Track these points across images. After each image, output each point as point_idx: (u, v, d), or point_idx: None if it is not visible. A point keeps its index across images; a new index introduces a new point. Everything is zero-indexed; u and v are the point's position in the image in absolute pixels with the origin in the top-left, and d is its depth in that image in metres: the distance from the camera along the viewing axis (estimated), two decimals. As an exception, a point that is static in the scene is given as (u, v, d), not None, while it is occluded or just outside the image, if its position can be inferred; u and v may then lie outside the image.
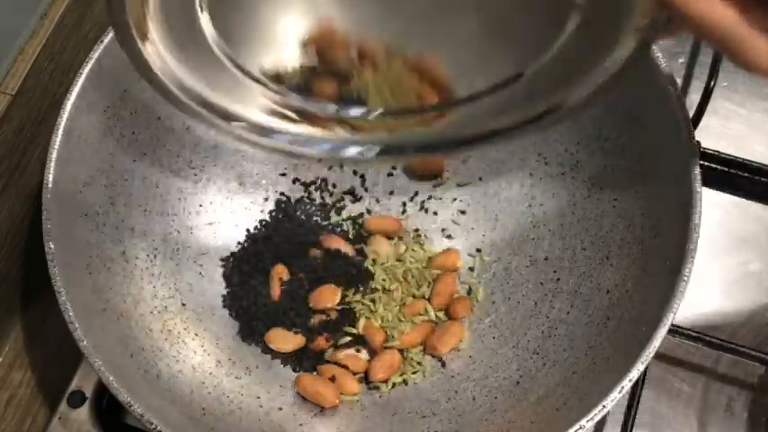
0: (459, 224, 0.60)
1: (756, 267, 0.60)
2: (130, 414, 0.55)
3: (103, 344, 0.48)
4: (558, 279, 0.56)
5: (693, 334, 0.54)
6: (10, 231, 0.59)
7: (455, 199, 0.61)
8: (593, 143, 0.57)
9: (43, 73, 0.59)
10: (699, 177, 0.49)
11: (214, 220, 0.59)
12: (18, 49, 0.58)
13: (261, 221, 0.60)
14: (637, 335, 0.48)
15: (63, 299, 0.48)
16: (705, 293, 0.46)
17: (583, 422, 0.45)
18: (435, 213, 0.61)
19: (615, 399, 0.45)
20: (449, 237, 0.60)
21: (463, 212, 0.60)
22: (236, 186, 0.60)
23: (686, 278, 0.47)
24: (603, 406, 0.45)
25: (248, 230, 0.59)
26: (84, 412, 0.56)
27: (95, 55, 0.53)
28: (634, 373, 0.46)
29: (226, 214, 0.60)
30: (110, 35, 0.53)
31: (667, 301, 0.47)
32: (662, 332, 0.46)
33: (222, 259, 0.58)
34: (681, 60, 0.66)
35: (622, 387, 0.45)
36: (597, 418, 0.45)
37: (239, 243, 0.59)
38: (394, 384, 0.55)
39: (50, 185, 0.50)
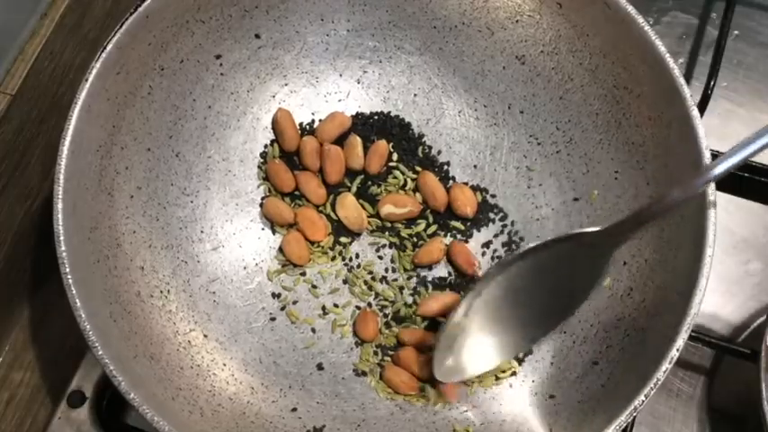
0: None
1: (756, 267, 0.61)
2: (130, 414, 0.56)
3: (146, 392, 0.47)
4: (570, 256, 0.57)
5: (693, 334, 0.54)
6: (10, 231, 0.59)
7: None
8: (584, 119, 0.58)
9: (43, 73, 0.59)
10: (704, 136, 0.50)
11: (217, 244, 0.58)
12: (18, 49, 0.58)
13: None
14: (669, 304, 0.50)
15: (100, 353, 0.46)
16: (705, 293, 0.48)
17: (639, 399, 0.46)
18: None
19: (666, 369, 0.46)
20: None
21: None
22: (234, 206, 0.59)
23: (711, 241, 0.48)
24: (657, 379, 0.46)
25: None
26: (84, 412, 0.56)
27: (82, 95, 0.50)
28: (679, 342, 0.47)
29: (228, 237, 0.58)
30: (94, 71, 0.51)
31: (696, 268, 0.48)
32: (697, 299, 0.47)
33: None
34: (681, 60, 0.67)
35: (672, 357, 0.47)
36: (652, 393, 0.46)
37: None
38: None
39: (62, 237, 0.48)
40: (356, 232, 0.59)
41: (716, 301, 0.60)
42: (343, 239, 0.59)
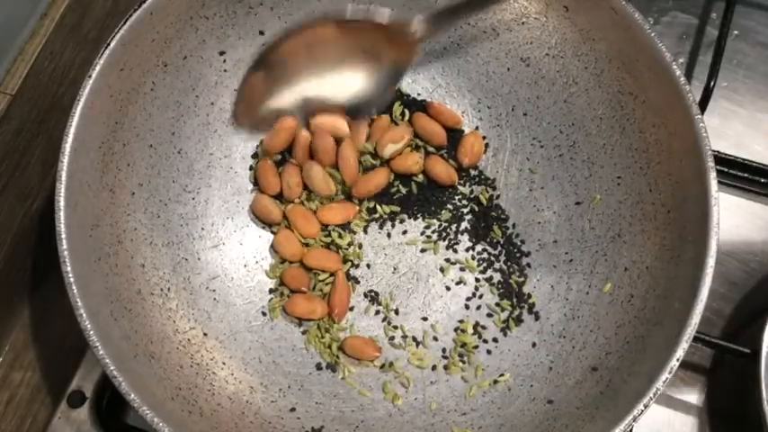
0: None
1: (756, 267, 0.61)
2: (130, 413, 0.56)
3: (146, 392, 0.47)
4: (571, 260, 0.57)
5: (694, 334, 0.54)
6: (9, 231, 0.59)
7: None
8: (588, 123, 0.58)
9: (43, 73, 0.59)
10: (708, 144, 0.50)
11: (218, 242, 0.58)
12: (18, 49, 0.58)
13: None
14: (670, 311, 0.50)
15: (101, 353, 0.46)
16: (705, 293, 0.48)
17: (638, 408, 0.46)
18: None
19: (666, 379, 0.47)
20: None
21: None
22: (235, 204, 0.59)
23: (713, 251, 0.49)
24: (657, 389, 0.46)
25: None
26: (84, 412, 0.56)
27: (85, 92, 0.50)
28: (679, 352, 0.47)
29: (228, 234, 0.58)
30: (98, 67, 0.51)
31: (698, 277, 0.48)
32: (699, 309, 0.48)
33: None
34: (681, 60, 0.67)
35: (672, 368, 0.47)
36: (651, 403, 0.46)
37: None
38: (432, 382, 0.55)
39: (63, 235, 0.48)
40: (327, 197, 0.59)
41: (716, 301, 0.60)
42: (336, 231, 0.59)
